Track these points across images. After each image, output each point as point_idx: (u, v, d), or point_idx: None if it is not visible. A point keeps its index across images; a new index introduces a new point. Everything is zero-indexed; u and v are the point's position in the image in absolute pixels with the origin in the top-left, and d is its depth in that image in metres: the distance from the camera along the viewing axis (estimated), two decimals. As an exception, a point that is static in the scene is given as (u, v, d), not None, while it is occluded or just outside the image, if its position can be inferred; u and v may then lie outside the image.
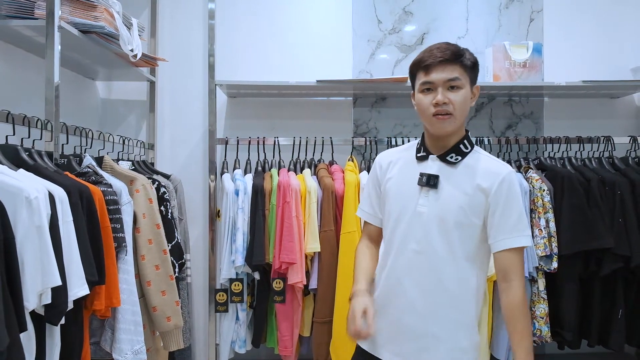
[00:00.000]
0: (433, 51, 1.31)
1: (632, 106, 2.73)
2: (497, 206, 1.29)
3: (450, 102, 1.28)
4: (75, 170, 1.70)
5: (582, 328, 2.19)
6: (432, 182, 1.32)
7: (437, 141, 1.36)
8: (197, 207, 2.58)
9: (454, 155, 1.34)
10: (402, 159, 1.42)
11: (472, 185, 1.31)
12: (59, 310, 1.25)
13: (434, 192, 1.32)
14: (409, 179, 1.37)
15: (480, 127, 2.67)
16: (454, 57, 1.29)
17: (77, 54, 2.02)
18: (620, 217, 2.13)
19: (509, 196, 1.29)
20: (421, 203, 1.33)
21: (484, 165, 1.33)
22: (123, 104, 2.63)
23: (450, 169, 1.34)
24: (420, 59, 1.33)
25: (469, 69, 1.32)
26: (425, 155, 1.37)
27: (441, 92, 1.28)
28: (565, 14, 2.68)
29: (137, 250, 1.82)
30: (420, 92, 1.33)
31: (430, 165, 1.35)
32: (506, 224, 1.29)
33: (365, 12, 2.66)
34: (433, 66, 1.28)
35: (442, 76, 1.28)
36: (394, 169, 1.42)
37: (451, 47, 1.31)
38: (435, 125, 1.31)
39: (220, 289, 2.18)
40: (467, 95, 1.31)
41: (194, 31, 2.62)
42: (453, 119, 1.29)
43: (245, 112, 2.63)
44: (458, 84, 1.29)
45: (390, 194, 1.40)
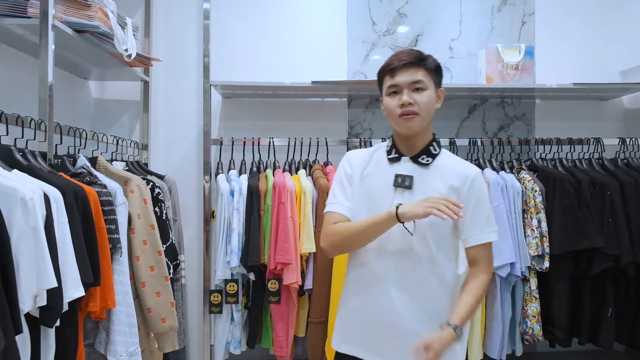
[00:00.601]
0: (398, 55, 1.39)
1: (621, 108, 2.78)
2: (469, 204, 1.36)
3: (415, 102, 1.34)
4: (69, 170, 1.68)
5: (572, 326, 2.22)
6: (407, 182, 1.37)
7: (408, 143, 1.41)
8: (191, 207, 2.57)
9: (425, 156, 1.40)
10: (373, 160, 1.45)
11: (445, 185, 1.37)
12: (54, 312, 1.24)
13: (409, 193, 1.37)
14: (383, 180, 1.40)
15: (473, 128, 2.70)
16: (418, 60, 1.37)
17: (70, 53, 2.01)
18: (610, 218, 2.17)
19: (479, 195, 1.38)
20: (396, 203, 1.35)
21: (454, 166, 1.41)
22: (116, 104, 2.61)
23: (423, 170, 1.39)
24: (386, 64, 1.40)
25: (433, 72, 1.39)
26: (398, 156, 1.42)
27: (406, 93, 1.35)
28: (556, 18, 2.72)
29: (132, 251, 1.81)
30: (387, 95, 1.39)
31: (403, 167, 1.40)
32: (478, 221, 1.37)
33: (359, 13, 2.67)
34: (398, 69, 1.36)
35: (407, 78, 1.35)
36: (366, 169, 1.44)
37: (415, 52, 1.39)
38: (402, 125, 1.37)
39: (215, 290, 2.17)
40: (431, 96, 1.38)
41: (188, 31, 2.61)
42: (419, 118, 1.35)
43: (239, 112, 2.63)
44: (422, 85, 1.36)
45: (364, 194, 1.42)
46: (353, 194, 1.44)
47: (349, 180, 1.45)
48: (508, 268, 2.09)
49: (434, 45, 2.69)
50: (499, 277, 2.13)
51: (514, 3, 2.71)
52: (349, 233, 1.39)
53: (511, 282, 2.16)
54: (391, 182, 1.39)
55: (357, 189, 1.43)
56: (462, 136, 2.66)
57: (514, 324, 2.21)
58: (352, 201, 1.43)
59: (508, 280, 2.15)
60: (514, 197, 2.17)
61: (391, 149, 1.44)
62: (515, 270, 2.09)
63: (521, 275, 2.14)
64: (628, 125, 2.74)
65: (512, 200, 2.17)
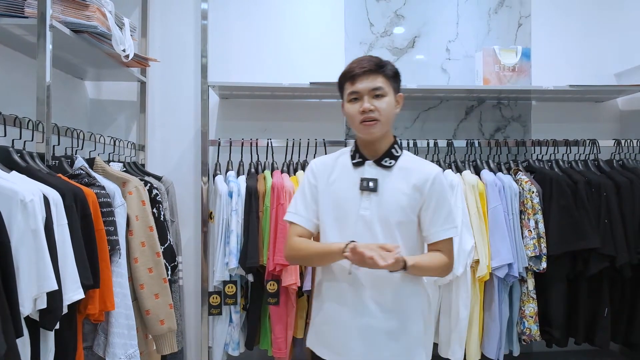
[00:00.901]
0: (358, 63, 1.42)
1: (616, 110, 2.80)
2: (431, 202, 1.42)
3: (375, 109, 1.39)
4: (67, 172, 1.67)
5: (569, 326, 2.24)
6: (372, 185, 1.42)
7: (370, 147, 1.46)
8: (188, 209, 2.56)
9: (387, 159, 1.45)
10: (338, 166, 1.50)
11: (409, 185, 1.42)
12: (54, 315, 1.23)
13: (375, 195, 1.42)
14: (348, 185, 1.45)
15: (469, 130, 2.71)
16: (377, 67, 1.41)
17: (67, 54, 1.99)
18: (606, 218, 2.19)
19: (441, 193, 1.44)
20: (364, 206, 1.42)
21: (416, 167, 1.46)
22: (112, 105, 2.59)
23: (387, 172, 1.44)
24: (346, 71, 1.44)
25: (392, 78, 1.43)
26: (362, 161, 1.46)
27: (367, 100, 1.39)
28: (551, 20, 2.74)
29: (130, 253, 1.80)
30: (348, 101, 1.43)
31: (368, 170, 1.45)
32: (439, 218, 1.43)
33: (357, 14, 2.68)
34: (358, 76, 1.40)
35: (366, 85, 1.39)
36: (332, 176, 1.48)
37: (374, 59, 1.43)
38: (363, 131, 1.42)
39: (214, 292, 2.16)
40: (391, 102, 1.42)
41: (185, 31, 2.60)
42: (379, 124, 1.40)
43: (236, 113, 2.62)
44: (382, 92, 1.40)
45: (330, 200, 1.46)
46: (317, 203, 1.48)
47: (311, 190, 1.49)
48: (506, 269, 2.10)
49: (431, 47, 2.71)
50: (496, 278, 2.14)
51: (510, 5, 2.73)
52: (306, 254, 1.46)
53: (509, 282, 2.17)
54: (357, 187, 1.43)
55: (323, 196, 1.47)
56: (459, 137, 2.67)
57: (511, 324, 2.23)
58: (313, 212, 1.48)
59: (506, 281, 2.16)
60: (511, 198, 2.19)
61: (355, 153, 1.49)
62: (513, 271, 2.11)
63: (519, 276, 2.15)
64: (623, 126, 2.77)
65: (510, 201, 2.18)
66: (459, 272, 2.06)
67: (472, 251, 2.08)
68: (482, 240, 2.10)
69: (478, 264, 2.10)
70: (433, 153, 2.44)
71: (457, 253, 2.04)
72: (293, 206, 1.52)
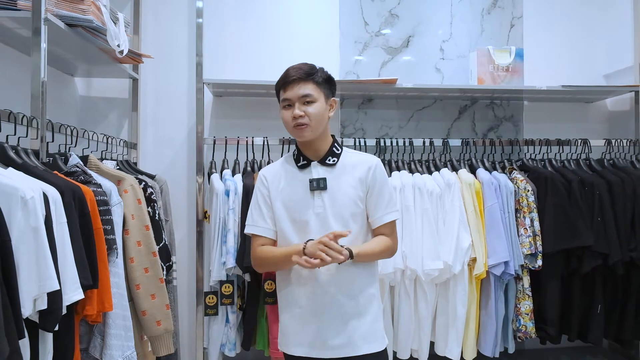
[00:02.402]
0: (289, 72, 1.51)
1: (605, 110, 2.86)
2: (374, 189, 1.52)
3: (306, 114, 1.48)
4: (62, 169, 1.62)
5: (563, 323, 2.27)
6: (322, 184, 1.51)
7: (312, 149, 1.54)
8: (182, 208, 2.52)
9: (330, 157, 1.54)
10: (284, 172, 1.57)
11: (354, 178, 1.52)
12: (55, 316, 1.19)
13: (325, 193, 1.51)
14: (298, 187, 1.53)
15: (463, 129, 2.73)
16: (306, 75, 1.49)
17: (58, 48, 1.94)
18: (599, 217, 2.23)
19: (381, 180, 1.54)
20: (317, 204, 1.50)
21: (356, 159, 1.56)
22: (103, 102, 2.54)
23: (332, 169, 1.53)
24: (279, 79, 1.53)
25: (322, 84, 1.52)
26: (307, 163, 1.54)
27: (297, 106, 1.49)
28: (542, 22, 2.78)
29: (126, 252, 1.76)
30: (282, 108, 1.53)
31: (314, 171, 1.53)
32: (382, 203, 1.53)
33: (352, 13, 2.68)
34: (289, 84, 1.49)
35: (297, 92, 1.48)
36: (280, 182, 1.56)
37: (304, 67, 1.51)
38: (296, 135, 1.52)
39: (210, 292, 2.13)
40: (321, 107, 1.51)
41: (179, 28, 2.57)
42: (310, 128, 1.49)
43: (230, 111, 2.59)
44: (311, 98, 1.49)
45: (283, 205, 1.53)
46: (272, 210, 1.55)
47: (264, 199, 1.57)
48: (502, 267, 2.12)
49: (425, 47, 2.72)
50: (493, 276, 2.16)
51: (503, 6, 2.76)
52: (272, 261, 1.54)
53: (505, 280, 2.19)
54: (307, 188, 1.51)
55: (276, 203, 1.54)
56: (453, 136, 2.69)
57: (507, 321, 2.25)
58: (270, 219, 1.55)
59: (502, 279, 2.18)
60: (507, 197, 2.21)
61: (298, 157, 1.56)
62: (509, 269, 2.13)
63: (514, 274, 2.17)
64: (612, 126, 2.83)
65: (506, 199, 2.21)
66: (456, 270, 2.08)
67: (469, 249, 2.10)
68: (479, 239, 2.12)
69: (475, 262, 2.11)
70: (429, 152, 2.45)
71: (454, 251, 2.07)
72: (250, 219, 1.59)
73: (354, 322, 1.48)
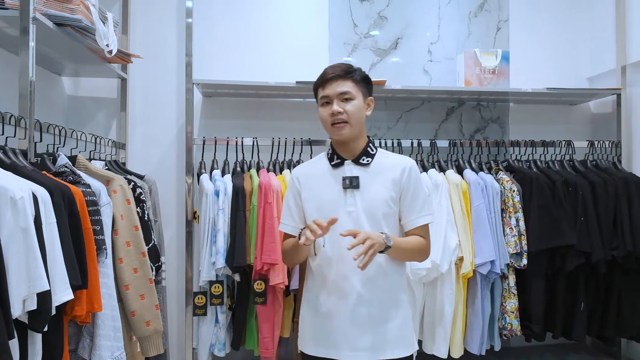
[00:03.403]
0: (327, 70, 1.52)
1: (588, 113, 2.92)
2: (408, 191, 1.51)
3: (344, 111, 1.47)
4: (50, 169, 1.61)
5: (547, 321, 2.31)
6: (355, 183, 1.50)
7: (346, 148, 1.53)
8: (171, 208, 2.52)
9: (364, 157, 1.53)
10: (317, 170, 1.58)
11: (388, 179, 1.50)
12: (44, 317, 1.19)
13: (358, 192, 1.50)
14: (331, 186, 1.52)
15: (450, 130, 2.77)
16: (345, 73, 1.50)
17: (46, 48, 1.92)
18: (582, 217, 2.28)
19: (416, 182, 1.53)
20: (349, 203, 1.49)
21: (391, 161, 1.55)
22: (91, 102, 2.52)
23: (365, 169, 1.52)
24: (318, 77, 1.54)
25: (360, 83, 1.52)
26: (340, 161, 1.53)
27: (336, 103, 1.48)
28: (528, 25, 2.83)
29: (115, 253, 1.75)
30: (320, 105, 1.53)
31: (348, 170, 1.52)
32: (416, 205, 1.51)
33: (341, 15, 2.70)
34: (328, 82, 1.50)
35: (336, 90, 1.48)
36: (311, 181, 1.56)
37: (342, 66, 1.52)
38: (334, 132, 1.50)
39: (200, 292, 2.13)
40: (359, 105, 1.51)
41: (168, 28, 2.56)
42: (348, 126, 1.48)
43: (219, 111, 2.60)
44: (350, 96, 1.49)
45: (315, 204, 1.53)
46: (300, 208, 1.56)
47: (295, 199, 1.57)
48: (488, 266, 2.15)
49: (414, 49, 2.75)
50: (479, 275, 2.20)
51: (489, 9, 2.80)
52: (286, 252, 1.59)
53: (491, 279, 2.23)
54: (340, 186, 1.50)
55: (308, 202, 1.54)
56: (441, 137, 2.73)
57: (492, 320, 2.28)
58: (300, 219, 1.56)
59: (488, 278, 2.21)
60: (493, 197, 2.25)
61: (332, 155, 1.56)
62: (495, 268, 2.16)
63: (500, 273, 2.21)
64: (594, 128, 2.89)
65: (492, 200, 2.24)
66: (443, 269, 2.11)
67: (456, 249, 2.13)
68: (466, 238, 2.15)
69: (462, 261, 2.14)
70: (417, 153, 2.48)
71: (442, 250, 2.10)
72: (282, 217, 1.62)
73: (381, 326, 1.46)
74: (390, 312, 1.48)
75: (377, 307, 1.47)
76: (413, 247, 1.50)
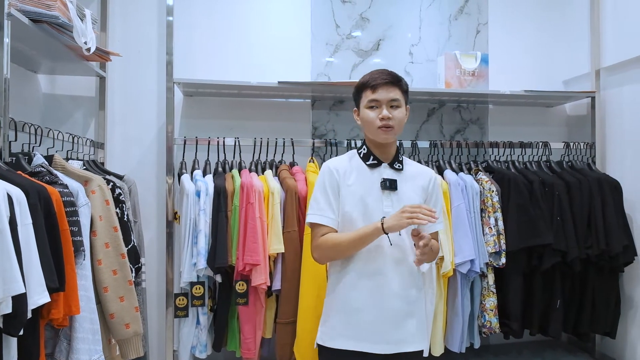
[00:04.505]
0: (380, 74, 1.58)
1: (564, 115, 2.99)
2: (431, 199, 1.64)
3: (392, 117, 1.55)
4: (25, 169, 1.58)
5: (525, 318, 2.36)
6: (393, 185, 1.57)
7: (383, 151, 1.61)
8: (150, 209, 2.48)
9: (397, 163, 1.63)
10: (354, 167, 1.62)
11: (418, 185, 1.62)
12: (19, 321, 1.16)
13: (395, 194, 1.57)
14: (369, 185, 1.58)
15: (431, 131, 2.80)
16: (396, 80, 1.59)
17: (21, 44, 1.87)
18: (559, 216, 2.33)
19: (438, 191, 1.67)
20: (386, 204, 1.56)
21: (418, 170, 1.67)
22: (68, 100, 2.47)
23: (400, 174, 1.61)
24: (368, 80, 1.58)
25: (405, 92, 1.62)
26: (377, 163, 1.60)
27: (386, 108, 1.55)
28: (506, 29, 2.88)
29: (94, 254, 1.72)
30: (367, 107, 1.58)
31: (385, 172, 1.60)
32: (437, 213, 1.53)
33: (323, 16, 2.70)
34: (379, 86, 1.56)
35: (386, 95, 1.56)
36: (352, 176, 1.60)
37: (393, 73, 1.60)
38: (380, 136, 1.57)
39: (180, 293, 2.11)
40: (404, 113, 1.61)
41: (148, 26, 2.52)
42: (394, 131, 1.57)
43: (200, 111, 2.57)
44: (398, 103, 1.58)
45: (355, 198, 1.57)
46: (338, 201, 1.58)
47: (333, 190, 1.58)
48: (468, 265, 2.18)
49: (395, 50, 2.77)
50: (459, 274, 2.23)
51: (469, 12, 2.84)
52: (341, 246, 1.53)
53: (470, 278, 2.26)
54: (377, 186, 1.57)
55: (347, 195, 1.57)
56: (422, 138, 2.76)
57: (472, 318, 2.32)
58: (337, 211, 1.58)
59: (468, 277, 2.24)
60: (473, 197, 2.28)
61: (367, 156, 1.62)
62: (475, 267, 2.20)
63: (480, 272, 2.24)
64: (570, 130, 2.96)
65: (472, 200, 2.28)
66: (424, 269, 2.12)
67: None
68: (446, 238, 2.18)
69: (443, 260, 2.17)
70: (398, 153, 2.50)
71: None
72: (316, 207, 1.59)
73: (409, 320, 1.55)
74: (416, 307, 1.57)
75: (407, 300, 1.55)
76: (437, 250, 1.62)
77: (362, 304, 1.53)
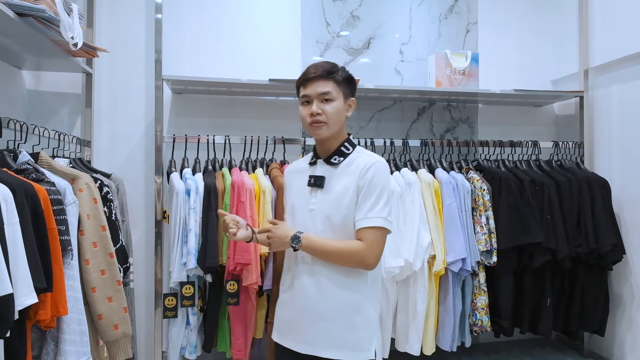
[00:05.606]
0: (310, 69, 1.51)
1: (552, 114, 3.02)
2: (362, 190, 1.45)
3: (323, 112, 1.47)
4: (11, 166, 1.53)
5: (515, 317, 2.37)
6: (319, 182, 1.51)
7: (323, 146, 1.55)
8: (139, 208, 2.44)
9: (336, 157, 1.53)
10: (300, 167, 1.63)
11: (352, 179, 1.47)
12: (6, 322, 1.13)
13: (321, 192, 1.51)
14: (302, 182, 1.56)
15: (421, 130, 2.80)
16: (327, 73, 1.49)
17: (6, 39, 1.82)
18: (548, 215, 2.35)
19: (373, 180, 1.44)
20: (312, 202, 1.51)
21: (360, 161, 1.49)
22: (54, 97, 2.41)
23: (334, 169, 1.52)
24: (301, 76, 1.53)
25: (342, 84, 1.51)
26: (315, 160, 1.57)
27: (316, 104, 1.48)
28: (496, 28, 2.91)
29: (81, 254, 1.68)
30: (301, 104, 1.53)
31: (318, 169, 1.55)
32: (365, 205, 1.43)
33: (314, 14, 2.69)
34: (309, 81, 1.49)
35: (316, 90, 1.48)
36: (291, 178, 1.64)
37: (325, 65, 1.50)
38: (311, 132, 1.52)
39: (170, 293, 2.07)
40: (339, 107, 1.50)
41: (135, 23, 2.48)
42: (326, 127, 1.48)
43: (189, 109, 2.54)
44: (330, 97, 1.48)
45: (288, 197, 1.61)
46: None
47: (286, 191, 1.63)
48: (460, 263, 2.19)
49: (385, 49, 2.77)
50: (451, 272, 2.23)
51: (459, 12, 2.86)
52: None
53: (462, 276, 2.27)
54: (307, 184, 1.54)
55: (286, 198, 1.63)
56: (412, 137, 2.76)
57: (463, 316, 2.32)
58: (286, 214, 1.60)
59: (459, 275, 2.25)
60: (464, 196, 2.29)
61: (313, 154, 1.60)
62: (466, 265, 2.20)
63: (471, 270, 2.25)
64: (559, 129, 2.99)
65: (463, 198, 2.28)
66: (416, 267, 2.13)
67: (429, 247, 2.15)
68: (438, 237, 2.18)
69: (434, 259, 2.17)
70: (389, 152, 2.50)
71: (415, 249, 2.12)
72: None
73: (321, 323, 1.44)
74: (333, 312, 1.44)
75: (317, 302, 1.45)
76: (335, 250, 1.42)
77: (283, 299, 1.56)
